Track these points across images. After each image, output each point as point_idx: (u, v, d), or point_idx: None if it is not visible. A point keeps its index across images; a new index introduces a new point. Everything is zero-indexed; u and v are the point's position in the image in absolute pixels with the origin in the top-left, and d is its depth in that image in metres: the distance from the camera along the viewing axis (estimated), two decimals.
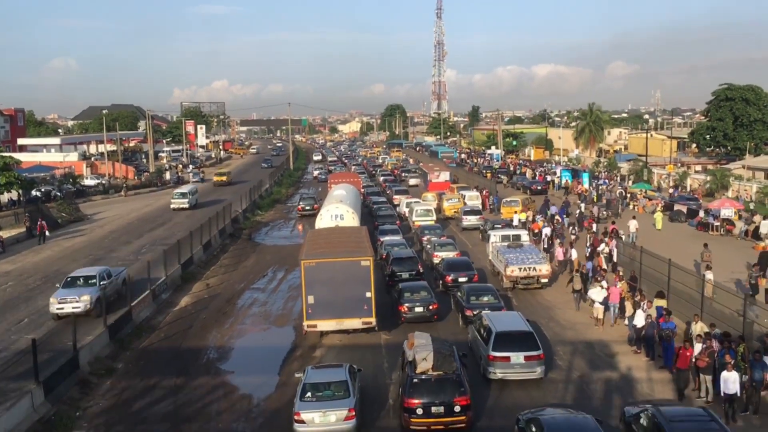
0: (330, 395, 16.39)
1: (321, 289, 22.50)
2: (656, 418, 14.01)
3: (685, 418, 14.07)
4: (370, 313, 22.67)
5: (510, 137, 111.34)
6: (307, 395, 16.43)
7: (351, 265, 22.73)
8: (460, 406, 15.90)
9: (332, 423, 15.89)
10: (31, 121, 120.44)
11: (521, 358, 18.53)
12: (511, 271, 28.05)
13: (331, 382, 16.80)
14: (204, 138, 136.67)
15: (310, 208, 50.76)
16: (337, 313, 22.52)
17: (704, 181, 59.37)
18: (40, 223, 42.64)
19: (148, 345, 23.64)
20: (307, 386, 16.67)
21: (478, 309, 22.35)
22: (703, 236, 39.07)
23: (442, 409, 15.89)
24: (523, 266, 28.09)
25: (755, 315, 19.44)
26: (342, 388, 16.50)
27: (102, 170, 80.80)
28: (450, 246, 33.05)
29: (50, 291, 29.87)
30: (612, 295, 23.87)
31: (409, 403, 15.99)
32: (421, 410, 15.87)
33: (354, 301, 22.55)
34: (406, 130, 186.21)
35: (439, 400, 15.94)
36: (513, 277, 28.12)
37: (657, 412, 14.27)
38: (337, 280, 22.55)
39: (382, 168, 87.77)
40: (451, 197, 50.03)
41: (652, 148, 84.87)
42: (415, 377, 16.41)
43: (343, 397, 16.29)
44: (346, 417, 15.88)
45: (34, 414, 17.01)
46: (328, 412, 15.91)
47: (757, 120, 76.64)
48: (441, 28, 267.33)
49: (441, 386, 16.21)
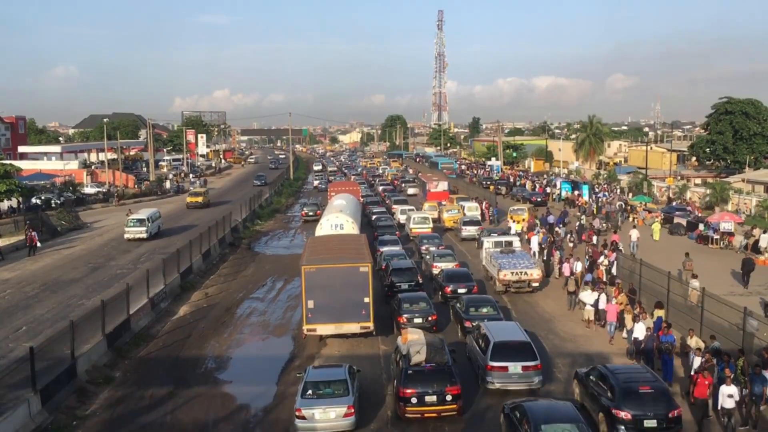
0: (330, 393, 16.98)
1: (320, 294, 23.02)
2: (603, 372, 17.12)
3: (627, 371, 17.39)
4: (368, 318, 23.14)
5: (510, 149, 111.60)
6: (308, 393, 17.01)
7: (350, 270, 23.30)
8: (451, 395, 17.06)
9: (332, 419, 16.54)
10: (32, 128, 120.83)
11: (519, 368, 18.71)
12: (503, 275, 29.02)
13: (332, 380, 17.42)
14: (204, 147, 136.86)
15: (313, 214, 53.69)
16: (335, 318, 23.02)
17: (704, 194, 59.41)
18: (29, 234, 41.30)
19: (147, 354, 23.56)
20: (308, 384, 17.25)
21: (478, 320, 22.39)
22: (702, 249, 39.19)
23: (435, 398, 17.02)
24: (515, 270, 29.07)
25: (755, 328, 19.40)
26: (342, 387, 17.12)
27: (102, 178, 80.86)
28: (449, 257, 33.16)
29: (48, 299, 29.99)
30: (609, 313, 23.65)
31: (404, 393, 17.02)
32: (416, 399, 16.95)
33: (352, 306, 23.06)
34: (407, 140, 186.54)
35: (432, 390, 17.03)
36: (505, 281, 29.07)
37: (603, 368, 17.48)
38: (336, 286, 23.11)
39: (381, 178, 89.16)
40: (451, 208, 50.43)
41: (652, 160, 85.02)
42: (410, 369, 17.42)
43: (342, 395, 16.92)
44: (345, 414, 16.54)
45: (31, 422, 16.94)
46: (328, 409, 16.54)
47: (756, 134, 76.78)
48: (442, 40, 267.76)
49: (433, 377, 17.29)
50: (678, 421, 15.88)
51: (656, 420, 15.63)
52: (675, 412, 15.77)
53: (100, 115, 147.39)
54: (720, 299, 21.14)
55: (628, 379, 16.55)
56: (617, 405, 15.89)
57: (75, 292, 31.43)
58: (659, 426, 15.64)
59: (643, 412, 15.66)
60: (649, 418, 15.64)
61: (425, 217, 45.06)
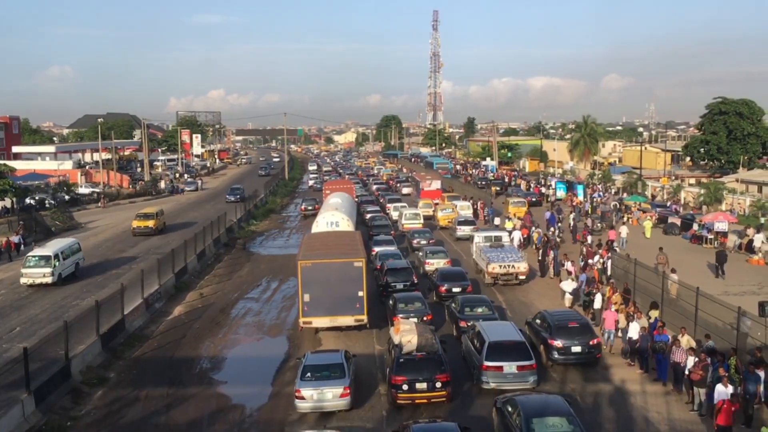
0: (327, 375, 18.10)
1: (316, 288, 23.71)
2: (544, 315, 22.20)
3: (560, 314, 22.74)
4: (362, 311, 23.86)
5: (505, 149, 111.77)
6: (306, 375, 18.15)
7: (345, 265, 24.02)
8: (441, 383, 17.87)
9: (329, 399, 17.73)
10: (26, 128, 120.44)
11: (514, 367, 18.82)
12: (492, 268, 30.51)
13: (329, 364, 18.56)
14: (199, 147, 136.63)
15: (312, 209, 56.26)
16: (331, 311, 23.75)
17: (698, 194, 59.61)
18: (7, 240, 39.96)
19: (141, 354, 23.51)
20: (307, 368, 18.41)
21: (472, 320, 22.52)
22: (696, 249, 39.33)
23: (425, 384, 17.81)
24: (503, 264, 30.58)
25: (748, 327, 19.46)
26: (338, 370, 18.24)
27: (97, 179, 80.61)
28: (441, 254, 34.04)
29: (42, 300, 29.88)
30: (607, 321, 23.13)
31: (395, 380, 17.86)
32: (407, 386, 17.76)
33: (347, 299, 23.77)
34: (402, 140, 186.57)
35: (423, 377, 17.83)
36: (494, 274, 30.58)
37: (545, 312, 22.53)
38: (331, 280, 23.77)
39: (376, 177, 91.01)
40: (445, 207, 51.20)
41: (647, 160, 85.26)
42: (401, 357, 18.28)
43: (339, 377, 18.02)
44: (341, 394, 17.75)
45: (24, 423, 16.89)
46: (325, 390, 17.71)
47: (750, 134, 77.08)
48: (437, 40, 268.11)
49: (424, 365, 18.08)
50: (597, 347, 20.93)
51: (580, 346, 20.49)
52: (594, 341, 20.85)
53: (94, 115, 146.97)
54: (714, 299, 21.19)
55: (560, 319, 21.62)
56: (552, 337, 20.65)
57: (69, 292, 31.34)
58: (582, 351, 20.56)
59: (570, 341, 20.48)
60: (575, 345, 20.55)
61: (416, 213, 47.49)
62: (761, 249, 36.48)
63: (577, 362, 20.72)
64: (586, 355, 20.60)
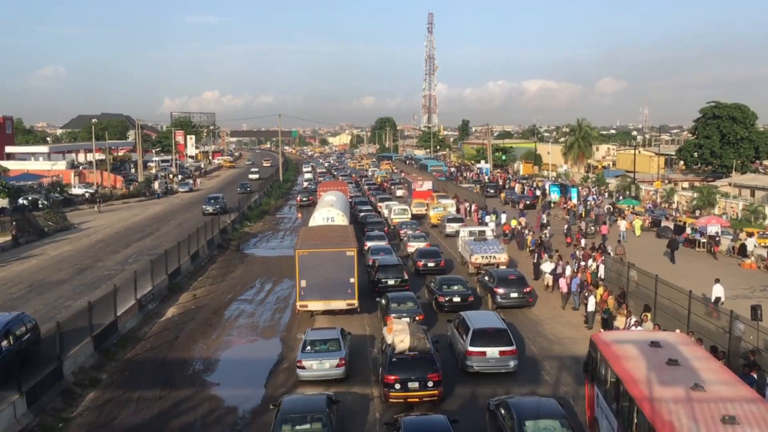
0: (325, 349, 20.34)
1: (312, 275, 26.00)
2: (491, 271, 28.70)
3: (504, 271, 29.20)
4: (353, 296, 26.27)
5: (499, 152, 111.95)
6: (307, 348, 20.45)
7: (338, 254, 26.45)
8: (432, 382, 18.21)
9: (327, 369, 19.90)
10: (20, 129, 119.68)
11: (496, 353, 20.22)
12: (475, 258, 33.30)
13: (327, 339, 20.82)
14: (194, 148, 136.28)
15: (307, 200, 63.65)
16: (325, 295, 26.13)
17: (691, 197, 59.84)
18: None
19: (134, 356, 23.41)
20: (308, 341, 20.73)
21: (449, 296, 27.00)
22: (688, 252, 39.49)
23: (417, 384, 18.17)
24: (485, 254, 33.31)
25: (741, 331, 19.53)
26: (335, 344, 20.46)
27: (90, 179, 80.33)
28: (422, 238, 39.69)
29: (35, 300, 29.75)
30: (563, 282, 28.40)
31: (388, 379, 18.26)
32: (399, 385, 18.13)
33: (340, 285, 26.09)
34: (396, 143, 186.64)
35: (415, 376, 18.21)
36: (477, 264, 33.15)
37: (492, 269, 29.54)
38: (326, 268, 26.08)
39: (367, 179, 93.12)
40: (437, 206, 53.82)
41: (640, 164, 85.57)
42: (394, 356, 18.68)
43: (335, 350, 20.24)
44: (338, 365, 19.91)
45: (16, 424, 16.80)
46: (324, 361, 19.90)
47: (743, 138, 77.53)
48: (432, 42, 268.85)
49: (416, 364, 18.46)
50: (530, 293, 27.36)
51: (517, 293, 26.92)
52: (528, 289, 27.31)
53: (88, 116, 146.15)
54: (706, 302, 21.27)
55: (502, 273, 28.29)
56: (495, 286, 27.02)
57: (62, 293, 31.23)
58: (518, 296, 26.94)
59: (509, 290, 26.90)
60: (513, 291, 26.97)
61: (404, 208, 52.29)
62: (753, 253, 36.67)
63: (513, 306, 26.86)
64: (521, 299, 26.97)
